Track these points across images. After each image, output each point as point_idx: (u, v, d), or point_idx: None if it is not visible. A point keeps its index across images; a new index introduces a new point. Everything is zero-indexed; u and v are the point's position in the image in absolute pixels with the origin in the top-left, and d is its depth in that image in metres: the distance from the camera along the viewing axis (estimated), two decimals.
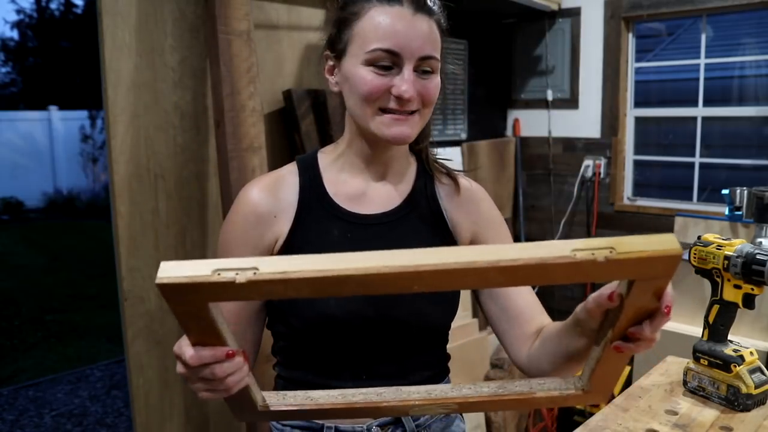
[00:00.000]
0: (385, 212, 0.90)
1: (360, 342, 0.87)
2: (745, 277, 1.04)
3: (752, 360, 1.07)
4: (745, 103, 2.70)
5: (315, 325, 0.87)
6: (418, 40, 0.81)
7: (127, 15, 1.69)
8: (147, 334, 1.79)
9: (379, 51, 0.81)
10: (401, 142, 0.85)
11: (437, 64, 0.85)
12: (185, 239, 1.88)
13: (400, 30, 0.80)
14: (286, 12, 2.10)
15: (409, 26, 0.81)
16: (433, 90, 0.85)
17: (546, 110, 3.11)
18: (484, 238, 0.94)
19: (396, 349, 0.88)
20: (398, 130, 0.83)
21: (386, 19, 0.81)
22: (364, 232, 0.89)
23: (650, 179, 2.96)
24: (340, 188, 0.92)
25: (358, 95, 0.83)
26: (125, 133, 1.72)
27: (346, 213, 0.90)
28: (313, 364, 0.90)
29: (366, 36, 0.82)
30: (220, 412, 2.00)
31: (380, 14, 0.81)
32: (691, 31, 2.82)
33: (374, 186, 0.92)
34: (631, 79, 2.91)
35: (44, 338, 4.36)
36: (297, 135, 2.10)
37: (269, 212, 0.89)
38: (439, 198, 0.95)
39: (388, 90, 0.82)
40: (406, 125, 0.84)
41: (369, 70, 0.82)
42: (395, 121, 0.83)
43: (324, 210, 0.90)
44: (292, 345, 0.93)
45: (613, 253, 0.48)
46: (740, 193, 2.02)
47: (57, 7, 13.48)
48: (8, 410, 3.23)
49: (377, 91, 0.82)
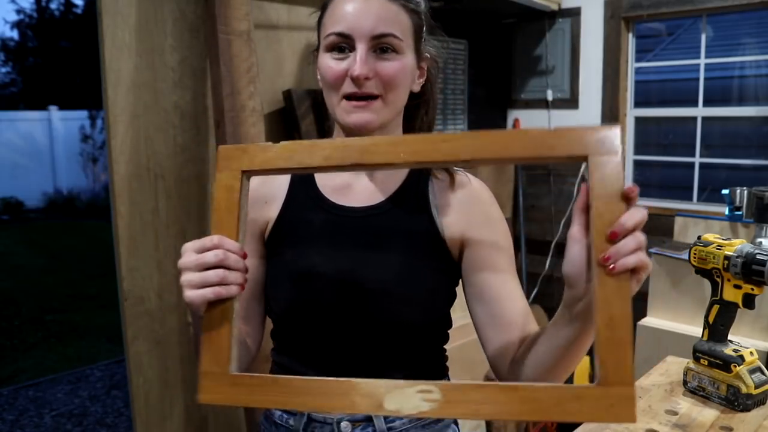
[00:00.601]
0: (368, 206, 0.90)
1: (336, 333, 0.87)
2: (745, 277, 1.04)
3: (752, 360, 1.07)
4: (745, 103, 2.70)
5: (288, 314, 0.88)
6: (369, 19, 0.82)
7: (127, 15, 1.69)
8: (147, 334, 1.79)
9: (332, 35, 0.83)
10: (363, 130, 0.84)
11: (399, 43, 0.84)
12: (185, 239, 1.86)
13: (351, 11, 0.82)
14: (286, 12, 2.10)
15: (361, 7, 0.82)
16: (392, 69, 0.83)
17: (546, 110, 3.11)
18: (478, 237, 0.90)
19: (371, 344, 0.87)
20: (358, 116, 0.83)
21: (342, 4, 0.84)
22: (344, 224, 0.89)
23: (650, 179, 2.96)
24: (327, 180, 0.92)
25: (323, 83, 0.86)
26: (125, 133, 1.72)
27: (329, 204, 0.90)
28: (295, 351, 0.92)
29: (326, 24, 0.85)
30: (220, 412, 2.00)
31: (338, 2, 0.84)
32: (691, 31, 2.82)
33: (361, 179, 0.92)
34: (631, 79, 2.91)
35: (44, 338, 4.36)
36: (297, 135, 2.10)
37: (262, 197, 0.92)
38: (431, 195, 0.92)
39: (345, 74, 0.83)
40: (366, 111, 0.83)
41: (329, 57, 0.84)
42: (355, 108, 0.83)
43: (310, 200, 0.91)
44: (277, 330, 0.95)
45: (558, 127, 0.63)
46: (740, 193, 2.02)
47: (57, 7, 13.48)
48: (8, 410, 3.23)
49: (334, 75, 0.83)
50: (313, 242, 0.89)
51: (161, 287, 1.82)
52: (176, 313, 1.86)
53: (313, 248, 0.89)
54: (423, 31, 0.90)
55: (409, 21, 0.86)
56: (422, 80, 0.92)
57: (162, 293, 1.83)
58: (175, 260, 1.90)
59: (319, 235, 0.89)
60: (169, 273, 1.84)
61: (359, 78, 0.81)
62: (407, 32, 0.85)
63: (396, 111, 0.89)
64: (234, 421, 2.03)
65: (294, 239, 0.90)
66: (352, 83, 0.82)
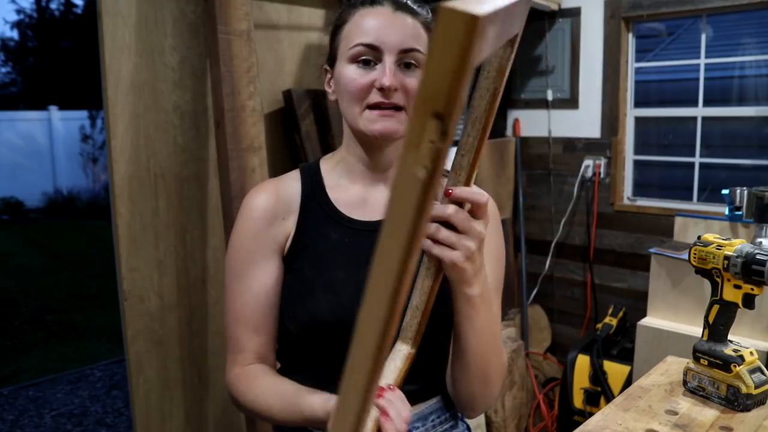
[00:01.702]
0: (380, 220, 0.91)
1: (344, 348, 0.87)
2: (745, 277, 1.04)
3: (752, 360, 1.07)
4: (745, 103, 2.70)
5: (307, 330, 0.88)
6: (397, 34, 0.84)
7: (127, 15, 1.69)
8: (147, 334, 1.79)
9: (360, 46, 0.84)
10: (388, 138, 0.86)
11: (421, 57, 0.86)
12: (185, 239, 1.88)
13: (380, 25, 0.85)
14: (286, 12, 2.10)
15: (389, 22, 0.85)
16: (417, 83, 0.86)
17: (546, 110, 3.11)
18: None
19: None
20: (384, 124, 0.85)
21: (368, 18, 0.86)
22: (362, 238, 0.90)
23: (650, 179, 2.96)
24: (340, 194, 0.93)
25: (345, 93, 0.86)
26: (125, 133, 1.72)
27: (346, 219, 0.91)
28: (308, 370, 0.91)
29: (350, 36, 0.86)
30: (220, 412, 2.00)
31: (363, 15, 0.86)
32: (691, 31, 2.82)
33: (375, 193, 0.93)
34: (631, 79, 2.91)
35: (44, 338, 4.36)
36: (297, 135, 2.10)
37: (278, 214, 0.92)
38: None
39: (371, 85, 0.84)
40: (392, 120, 0.85)
41: (353, 68, 0.85)
42: (381, 117, 0.85)
43: (325, 215, 0.91)
44: (289, 349, 0.95)
45: None
46: (740, 193, 2.02)
47: (57, 7, 13.48)
48: (8, 410, 3.24)
49: (360, 86, 0.84)
50: (332, 257, 0.90)
51: (161, 287, 1.82)
52: (176, 313, 1.86)
53: (334, 263, 0.90)
54: None
55: (425, 37, 0.89)
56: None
57: (162, 293, 1.83)
58: (175, 260, 1.91)
59: (338, 250, 0.90)
60: (169, 273, 1.84)
61: (390, 88, 0.83)
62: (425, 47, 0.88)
63: None
64: (234, 421, 2.03)
65: (313, 255, 0.90)
66: (378, 93, 0.84)
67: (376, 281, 0.36)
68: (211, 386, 1.96)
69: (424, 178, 0.33)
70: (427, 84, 0.33)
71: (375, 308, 0.37)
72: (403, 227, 0.34)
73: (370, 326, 0.38)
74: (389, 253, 0.35)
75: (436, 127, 0.34)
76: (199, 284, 1.92)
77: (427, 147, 0.33)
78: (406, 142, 0.34)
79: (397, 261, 0.35)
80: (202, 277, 1.92)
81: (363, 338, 0.38)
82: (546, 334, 3.15)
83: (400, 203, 0.34)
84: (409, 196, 0.33)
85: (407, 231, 0.34)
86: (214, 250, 1.94)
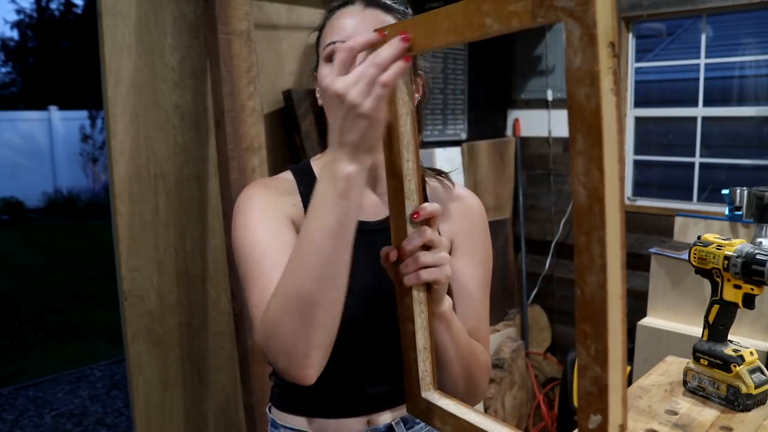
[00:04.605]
0: (380, 220, 0.92)
1: (351, 347, 0.88)
2: (745, 277, 1.04)
3: (752, 360, 1.06)
4: (745, 103, 2.69)
5: None
6: (367, 29, 0.83)
7: (127, 15, 1.69)
8: (147, 334, 1.79)
9: (330, 45, 0.86)
10: None
11: None
12: (185, 239, 1.88)
13: (351, 23, 0.86)
14: (286, 12, 2.10)
15: (359, 18, 0.86)
16: None
17: (546, 110, 3.11)
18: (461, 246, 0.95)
19: (387, 355, 0.88)
20: None
21: (341, 18, 0.88)
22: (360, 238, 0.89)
23: (650, 179, 2.96)
24: None
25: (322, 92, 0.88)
26: (125, 133, 1.72)
27: None
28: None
29: (325, 37, 0.89)
30: (220, 412, 2.00)
31: (338, 17, 0.89)
32: (691, 31, 2.82)
33: (367, 196, 0.94)
34: (631, 79, 2.90)
35: (44, 338, 4.37)
36: (297, 135, 2.10)
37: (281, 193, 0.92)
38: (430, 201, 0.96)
39: None
40: None
41: (328, 67, 0.86)
42: None
43: None
44: None
45: None
46: (740, 193, 2.02)
47: (57, 7, 13.50)
48: (8, 410, 3.24)
49: None
50: None
51: (161, 287, 1.82)
52: (176, 313, 1.86)
53: None
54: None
55: None
56: (418, 97, 0.94)
57: (162, 293, 1.83)
58: (175, 260, 1.91)
59: None
60: (169, 273, 1.84)
61: None
62: None
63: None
64: (234, 421, 2.03)
65: None
66: None
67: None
68: (211, 386, 1.96)
69: (615, 91, 0.47)
70: (602, 23, 0.45)
71: None
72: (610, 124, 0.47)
73: None
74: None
75: (611, 53, 0.46)
76: (199, 284, 1.92)
77: (609, 70, 0.46)
78: (596, 71, 0.46)
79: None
80: (202, 277, 1.92)
81: None
82: (546, 334, 3.15)
83: (607, 116, 0.47)
84: (610, 109, 0.46)
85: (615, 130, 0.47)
86: (214, 250, 1.94)
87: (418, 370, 0.75)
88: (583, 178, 0.48)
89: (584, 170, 0.48)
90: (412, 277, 0.73)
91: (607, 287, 0.47)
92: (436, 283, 0.74)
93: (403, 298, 0.76)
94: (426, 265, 0.72)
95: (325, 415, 0.91)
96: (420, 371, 0.76)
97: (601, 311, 0.48)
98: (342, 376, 0.90)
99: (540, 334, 3.13)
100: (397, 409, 0.93)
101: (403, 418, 0.93)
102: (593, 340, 0.49)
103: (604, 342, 0.48)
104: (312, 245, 0.70)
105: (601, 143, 0.46)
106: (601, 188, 0.47)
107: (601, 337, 0.48)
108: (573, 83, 0.48)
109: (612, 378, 0.48)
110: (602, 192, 0.47)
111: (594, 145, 0.47)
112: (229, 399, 2.00)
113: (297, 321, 0.71)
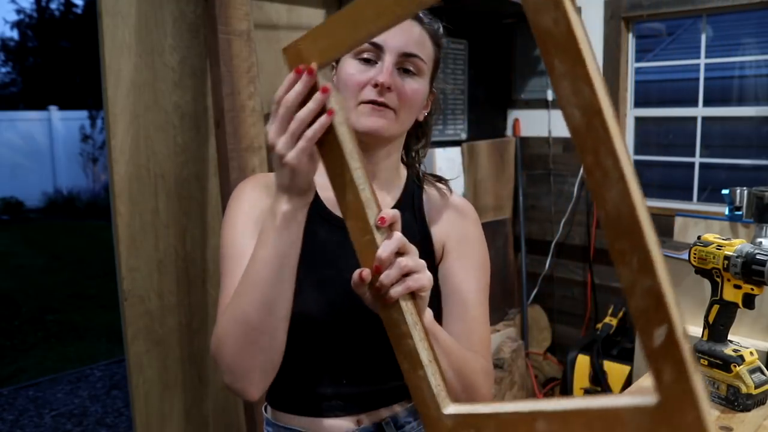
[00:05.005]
0: None
1: (338, 344, 0.88)
2: (745, 277, 1.04)
3: (752, 360, 1.07)
4: (745, 103, 2.70)
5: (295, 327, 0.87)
6: (401, 37, 0.85)
7: (127, 15, 1.69)
8: (147, 334, 1.79)
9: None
10: (375, 134, 0.86)
11: (422, 65, 0.88)
12: (185, 239, 1.88)
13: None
14: (286, 12, 2.10)
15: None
16: (410, 91, 0.87)
17: (546, 110, 3.11)
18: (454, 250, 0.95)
19: (374, 353, 0.88)
20: (372, 120, 0.86)
21: None
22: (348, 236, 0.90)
23: (650, 179, 2.96)
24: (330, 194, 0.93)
25: (343, 87, 0.87)
26: (125, 133, 1.72)
27: (335, 218, 0.91)
28: (295, 366, 0.91)
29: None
30: (220, 412, 2.00)
31: None
32: (691, 31, 2.82)
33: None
34: (631, 79, 2.91)
35: (44, 338, 4.36)
36: None
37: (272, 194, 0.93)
38: (424, 207, 0.97)
39: (368, 82, 0.85)
40: (381, 117, 0.86)
41: (354, 63, 0.87)
42: (372, 111, 0.85)
43: (315, 213, 0.90)
44: None
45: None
46: (740, 193, 2.01)
47: (57, 7, 13.48)
48: (8, 410, 3.24)
49: (357, 82, 0.86)
50: (321, 255, 0.90)
51: (161, 287, 1.82)
52: (176, 313, 1.86)
53: (322, 261, 0.90)
54: (440, 65, 0.95)
55: (432, 51, 0.91)
56: (426, 111, 0.96)
57: (162, 293, 1.83)
58: (175, 260, 1.91)
59: (327, 248, 0.90)
60: (169, 273, 1.84)
61: (383, 85, 0.84)
62: (429, 60, 0.90)
63: (402, 131, 0.92)
64: (234, 421, 2.03)
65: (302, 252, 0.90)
66: (372, 91, 0.85)
67: None
68: (211, 386, 1.96)
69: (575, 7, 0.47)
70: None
71: None
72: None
73: None
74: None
75: None
76: (199, 284, 1.92)
77: None
78: None
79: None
80: (202, 277, 1.92)
81: None
82: (546, 334, 3.15)
83: (579, 33, 0.47)
84: (579, 26, 0.47)
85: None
86: (214, 250, 1.94)
87: (430, 387, 0.68)
88: (573, 98, 0.47)
89: (572, 91, 0.47)
90: (399, 288, 0.68)
91: (631, 195, 0.45)
92: (422, 290, 0.70)
93: (390, 316, 0.70)
94: (410, 270, 0.69)
95: (315, 413, 0.91)
96: (433, 387, 0.68)
97: (632, 220, 0.45)
98: (330, 375, 0.90)
99: (540, 334, 3.13)
100: (387, 408, 0.93)
101: (392, 417, 0.93)
102: (633, 254, 0.46)
103: (646, 251, 0.45)
104: (254, 274, 0.75)
105: (583, 60, 0.46)
106: (596, 101, 0.46)
107: (640, 247, 0.46)
108: (535, 13, 0.48)
109: (665, 285, 0.46)
110: (598, 105, 0.46)
111: (576, 64, 0.46)
112: (229, 399, 2.00)
113: (239, 341, 0.76)
